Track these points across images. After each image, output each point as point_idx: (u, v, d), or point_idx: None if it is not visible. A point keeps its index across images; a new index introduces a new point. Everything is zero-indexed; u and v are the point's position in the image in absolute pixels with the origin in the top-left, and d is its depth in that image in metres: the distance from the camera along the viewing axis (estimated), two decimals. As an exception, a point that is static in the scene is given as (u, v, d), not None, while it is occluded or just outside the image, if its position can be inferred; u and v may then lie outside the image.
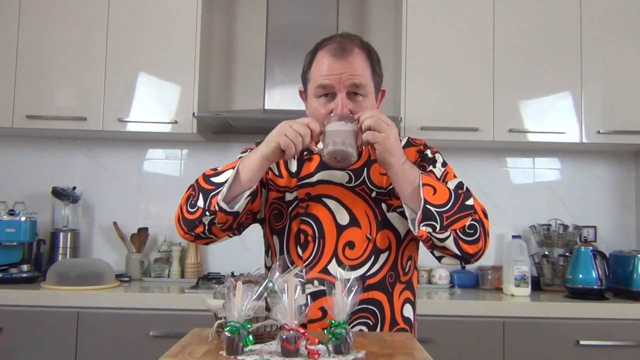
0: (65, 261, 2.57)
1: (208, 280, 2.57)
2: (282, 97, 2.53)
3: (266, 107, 2.55)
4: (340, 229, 1.28)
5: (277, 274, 1.07)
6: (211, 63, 2.85)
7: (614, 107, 2.57)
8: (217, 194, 1.20)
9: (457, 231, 1.18)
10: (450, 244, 1.18)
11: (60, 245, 2.68)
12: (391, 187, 1.29)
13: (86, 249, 2.82)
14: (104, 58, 2.54)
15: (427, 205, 1.16)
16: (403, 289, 1.33)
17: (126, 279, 2.61)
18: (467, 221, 1.19)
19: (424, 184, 1.18)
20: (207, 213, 1.22)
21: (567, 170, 2.90)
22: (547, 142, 2.61)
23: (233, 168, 1.22)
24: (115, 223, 2.78)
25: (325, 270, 1.26)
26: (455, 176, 1.33)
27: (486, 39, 2.57)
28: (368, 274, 1.27)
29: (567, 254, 2.65)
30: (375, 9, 2.94)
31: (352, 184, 1.31)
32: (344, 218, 1.28)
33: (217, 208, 1.20)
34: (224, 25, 2.92)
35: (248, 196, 1.22)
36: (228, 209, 1.20)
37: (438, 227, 1.16)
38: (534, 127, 2.55)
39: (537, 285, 2.65)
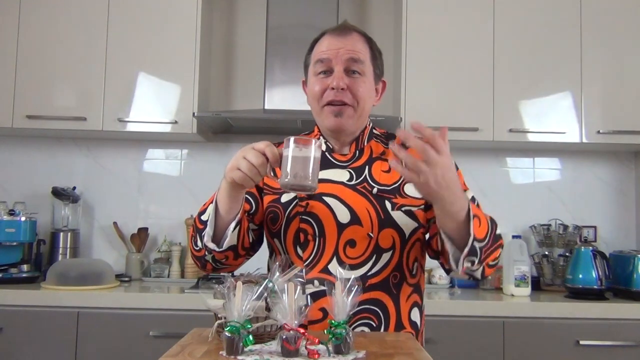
0: (65, 261, 2.57)
1: (208, 280, 2.56)
2: (282, 97, 2.53)
3: (266, 107, 2.55)
4: (341, 227, 1.23)
5: (277, 274, 1.07)
6: (211, 63, 2.85)
7: (614, 107, 2.57)
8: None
9: (487, 263, 1.17)
10: (477, 273, 1.18)
11: (60, 245, 2.68)
12: (396, 185, 1.27)
13: (86, 249, 2.82)
14: (104, 58, 2.54)
15: (474, 243, 1.09)
16: (411, 292, 1.28)
17: (126, 279, 2.61)
18: (498, 253, 1.19)
19: (474, 216, 1.08)
20: (206, 253, 1.22)
21: (567, 170, 2.90)
22: (547, 142, 2.61)
23: (212, 202, 1.19)
24: (115, 223, 2.78)
25: (325, 270, 1.22)
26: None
27: (486, 39, 2.57)
28: (369, 273, 1.23)
29: (567, 254, 2.65)
30: (375, 9, 2.94)
31: (353, 182, 1.28)
32: (344, 216, 1.23)
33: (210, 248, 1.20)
34: (224, 25, 2.92)
35: (234, 229, 1.18)
36: (217, 249, 1.20)
37: (476, 261, 1.12)
38: (534, 127, 2.55)
39: (537, 285, 2.65)
